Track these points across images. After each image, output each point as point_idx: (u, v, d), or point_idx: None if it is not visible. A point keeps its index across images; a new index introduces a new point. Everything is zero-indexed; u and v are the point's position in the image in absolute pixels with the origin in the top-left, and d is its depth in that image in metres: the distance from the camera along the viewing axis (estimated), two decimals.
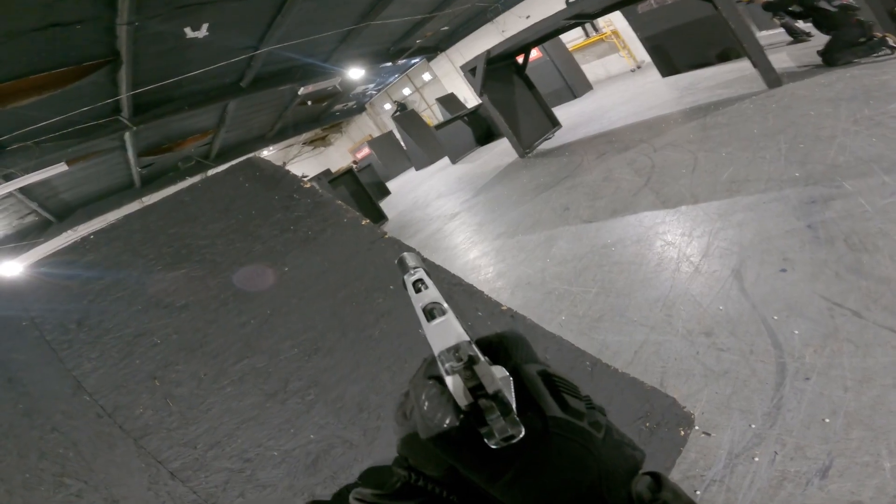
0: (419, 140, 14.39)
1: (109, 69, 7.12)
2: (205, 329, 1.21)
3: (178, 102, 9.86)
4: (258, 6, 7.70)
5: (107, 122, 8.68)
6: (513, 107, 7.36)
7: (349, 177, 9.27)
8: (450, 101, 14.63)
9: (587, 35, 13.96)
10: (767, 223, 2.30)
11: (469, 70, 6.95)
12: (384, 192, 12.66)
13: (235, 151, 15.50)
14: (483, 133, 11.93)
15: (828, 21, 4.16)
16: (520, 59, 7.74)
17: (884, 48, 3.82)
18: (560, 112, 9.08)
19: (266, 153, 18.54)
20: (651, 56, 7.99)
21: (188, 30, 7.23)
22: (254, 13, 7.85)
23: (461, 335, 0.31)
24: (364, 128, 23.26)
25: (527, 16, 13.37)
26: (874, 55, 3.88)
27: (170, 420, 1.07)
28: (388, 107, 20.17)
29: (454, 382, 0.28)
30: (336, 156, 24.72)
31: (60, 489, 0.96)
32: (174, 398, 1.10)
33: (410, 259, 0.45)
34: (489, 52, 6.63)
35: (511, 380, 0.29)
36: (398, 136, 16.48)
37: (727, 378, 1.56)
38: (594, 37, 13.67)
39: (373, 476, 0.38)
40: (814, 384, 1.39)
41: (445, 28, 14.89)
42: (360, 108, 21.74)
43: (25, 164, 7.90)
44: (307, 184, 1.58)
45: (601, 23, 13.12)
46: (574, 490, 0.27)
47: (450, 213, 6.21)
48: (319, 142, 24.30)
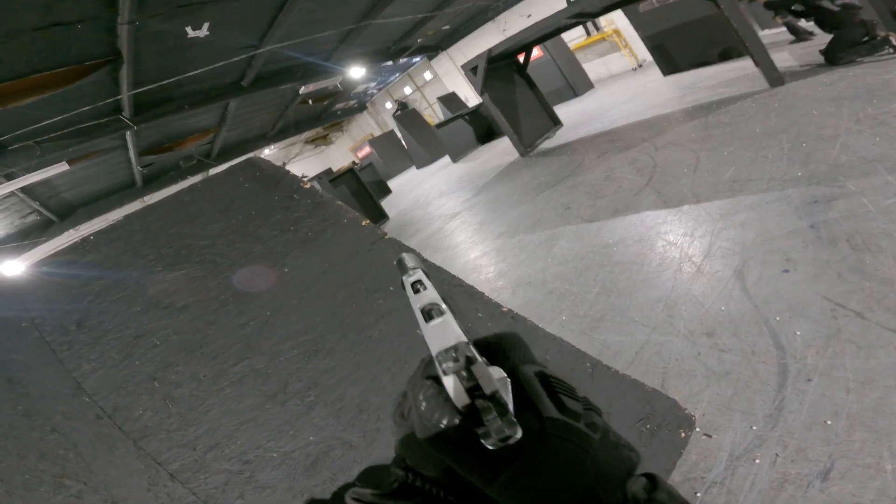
0: (420, 139, 14.40)
1: (110, 68, 7.13)
2: (204, 330, 1.21)
3: (179, 101, 9.88)
4: (259, 5, 7.70)
5: (108, 122, 8.70)
6: (514, 105, 7.34)
7: (350, 176, 9.26)
8: (451, 100, 14.66)
9: (588, 34, 13.94)
10: (770, 223, 2.28)
11: (470, 69, 6.94)
12: (385, 191, 12.66)
13: (237, 150, 15.53)
14: (484, 132, 11.92)
15: (830, 20, 4.15)
16: (521, 58, 7.72)
17: (887, 47, 3.80)
18: (561, 111, 9.06)
19: (267, 152, 18.56)
20: (652, 55, 7.97)
21: (189, 29, 7.23)
22: (255, 12, 7.85)
23: (459, 336, 0.31)
24: (365, 127, 23.26)
25: (528, 15, 13.36)
26: (877, 54, 3.86)
27: (169, 421, 1.07)
28: (389, 106, 20.18)
29: (451, 383, 0.28)
30: (337, 154, 24.74)
31: (60, 490, 0.96)
32: (174, 399, 1.10)
33: (409, 260, 0.45)
34: (490, 51, 6.62)
35: (508, 381, 0.29)
36: (399, 135, 16.49)
37: (729, 379, 1.55)
38: (595, 36, 13.64)
39: (371, 476, 0.38)
40: (816, 385, 1.38)
41: (446, 27, 14.88)
42: (362, 107, 21.75)
43: (27, 164, 7.92)
44: (307, 184, 1.58)
45: (602, 22, 13.10)
46: (570, 491, 0.27)
47: (451, 212, 6.20)
48: (321, 140, 24.32)
